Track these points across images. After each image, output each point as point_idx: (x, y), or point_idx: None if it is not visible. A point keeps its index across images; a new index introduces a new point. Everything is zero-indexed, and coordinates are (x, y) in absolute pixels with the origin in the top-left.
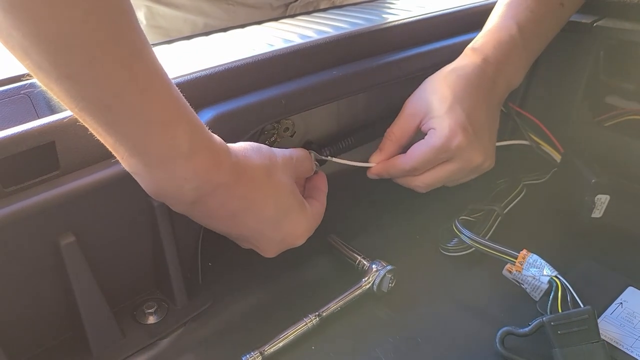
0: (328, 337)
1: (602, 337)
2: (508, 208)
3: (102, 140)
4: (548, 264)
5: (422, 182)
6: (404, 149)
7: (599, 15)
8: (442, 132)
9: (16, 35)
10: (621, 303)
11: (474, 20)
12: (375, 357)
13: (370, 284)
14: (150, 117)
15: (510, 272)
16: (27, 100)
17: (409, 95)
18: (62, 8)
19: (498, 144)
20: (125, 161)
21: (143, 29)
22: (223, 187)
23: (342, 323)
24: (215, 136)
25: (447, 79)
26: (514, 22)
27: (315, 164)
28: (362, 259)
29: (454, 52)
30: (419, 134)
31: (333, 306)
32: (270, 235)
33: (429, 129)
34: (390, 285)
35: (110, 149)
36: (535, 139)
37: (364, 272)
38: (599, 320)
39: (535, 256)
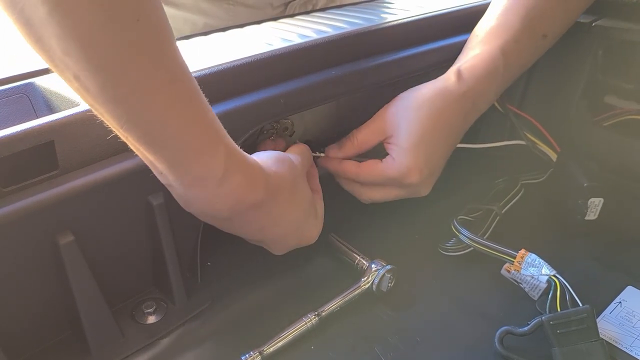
0: (327, 337)
1: (601, 336)
2: (506, 208)
3: (140, 156)
4: (547, 263)
5: (367, 196)
6: (363, 153)
7: (597, 14)
8: (399, 167)
9: (68, 61)
10: (620, 302)
11: (473, 19)
12: (374, 356)
13: (369, 284)
14: (187, 141)
15: (508, 271)
16: (26, 100)
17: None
18: (113, 37)
19: (495, 144)
20: (162, 177)
21: None
22: (256, 205)
23: (341, 323)
24: (249, 156)
25: (423, 109)
26: (500, 53)
27: None
28: (361, 259)
29: (454, 52)
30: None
31: (332, 306)
32: (289, 241)
33: (389, 154)
34: (389, 284)
35: (147, 164)
36: (532, 138)
37: (363, 272)
38: (598, 320)
39: (533, 255)
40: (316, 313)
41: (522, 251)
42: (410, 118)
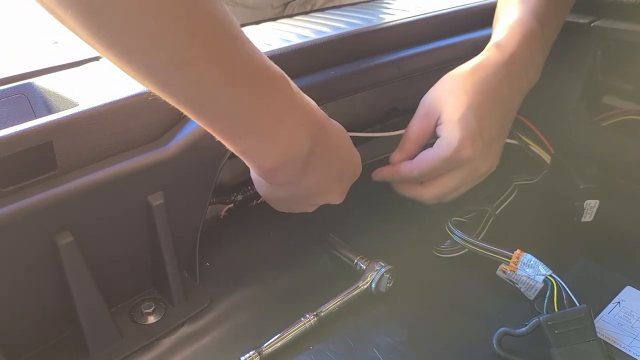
0: (326, 337)
1: (600, 336)
2: (500, 208)
3: (228, 142)
4: (542, 263)
5: (430, 195)
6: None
7: (596, 15)
8: (451, 143)
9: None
10: (619, 302)
11: (472, 20)
12: (373, 356)
13: (368, 284)
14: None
15: (504, 272)
16: (25, 100)
17: (423, 94)
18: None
19: None
20: (253, 151)
21: None
22: (324, 128)
23: (340, 323)
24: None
25: (467, 81)
26: (533, 16)
27: None
28: (360, 259)
29: (452, 52)
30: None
31: (331, 306)
32: (349, 173)
33: (439, 135)
34: (388, 285)
35: (235, 149)
36: (525, 139)
37: (362, 272)
38: (596, 320)
39: (529, 256)
40: (315, 313)
41: (518, 251)
42: (456, 92)
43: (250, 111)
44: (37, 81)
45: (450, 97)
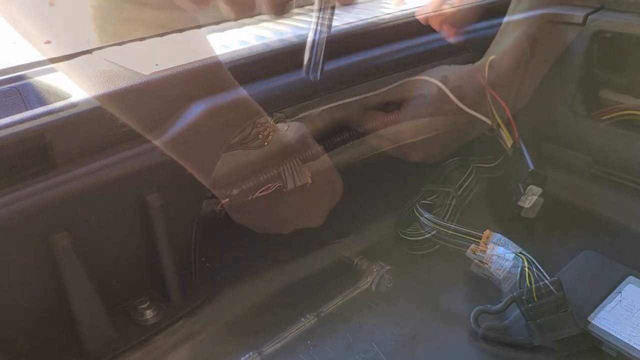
0: (326, 337)
1: (600, 326)
2: (462, 189)
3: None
4: (511, 241)
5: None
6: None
7: (592, 8)
8: None
9: None
10: (620, 292)
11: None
12: (373, 357)
13: (368, 284)
14: None
15: (474, 252)
16: (17, 95)
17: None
18: None
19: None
20: None
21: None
22: None
23: (340, 323)
24: None
25: None
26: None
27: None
28: (360, 259)
29: (451, 52)
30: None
31: (331, 306)
32: (328, 195)
33: None
34: (388, 285)
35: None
36: (498, 119)
37: (362, 272)
38: (597, 310)
39: (499, 235)
40: (315, 313)
41: (487, 231)
42: None
43: None
44: (30, 75)
45: None
